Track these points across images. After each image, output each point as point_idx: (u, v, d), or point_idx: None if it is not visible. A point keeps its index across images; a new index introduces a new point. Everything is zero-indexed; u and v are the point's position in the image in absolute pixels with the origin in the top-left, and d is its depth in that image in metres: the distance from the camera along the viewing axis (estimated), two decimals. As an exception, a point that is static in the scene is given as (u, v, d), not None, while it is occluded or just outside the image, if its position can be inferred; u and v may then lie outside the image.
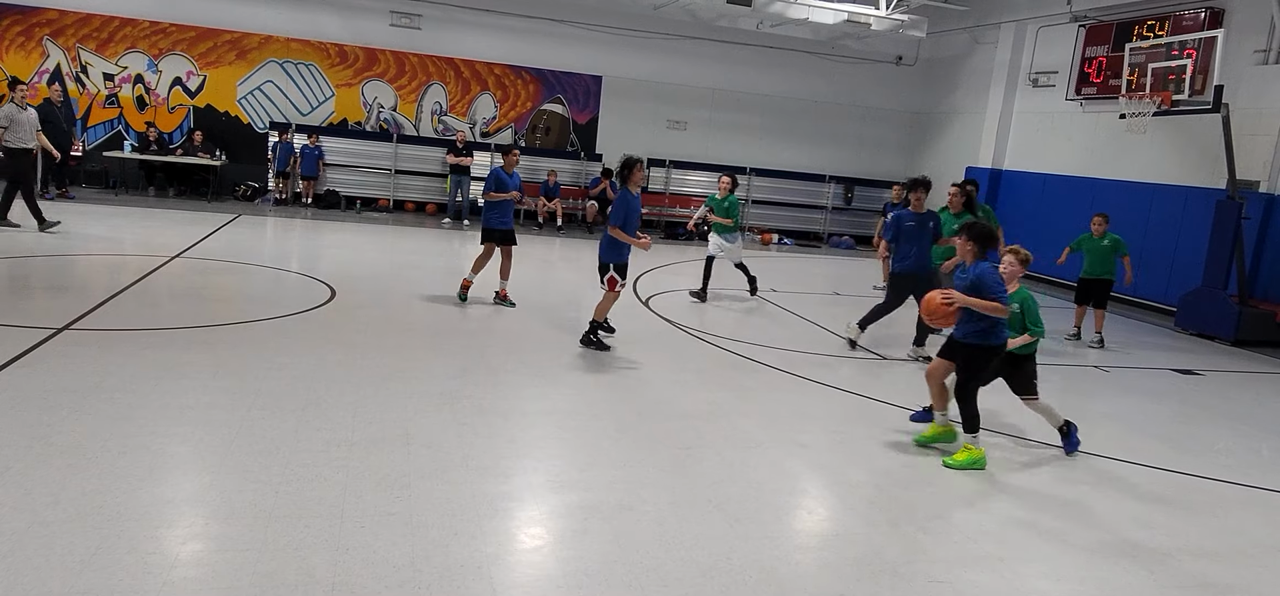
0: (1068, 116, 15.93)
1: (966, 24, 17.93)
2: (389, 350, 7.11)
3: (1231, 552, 4.76)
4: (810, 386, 7.30)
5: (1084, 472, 5.79)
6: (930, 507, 4.91)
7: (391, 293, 9.56)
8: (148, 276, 9.01)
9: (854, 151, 20.24)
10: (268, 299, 8.86)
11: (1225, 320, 11.42)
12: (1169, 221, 13.80)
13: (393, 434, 5.17)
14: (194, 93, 16.73)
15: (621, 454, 5.30)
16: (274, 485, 4.30)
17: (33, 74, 15.87)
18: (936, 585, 4.00)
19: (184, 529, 3.84)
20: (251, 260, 10.64)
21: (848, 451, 5.75)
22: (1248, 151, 12.04)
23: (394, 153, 17.28)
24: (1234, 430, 7.34)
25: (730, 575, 3.89)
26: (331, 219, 15.48)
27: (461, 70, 17.84)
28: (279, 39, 16.86)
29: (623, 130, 18.69)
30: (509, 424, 5.60)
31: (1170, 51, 11.68)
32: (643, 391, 6.84)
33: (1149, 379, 9.00)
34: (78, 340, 6.52)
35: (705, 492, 4.80)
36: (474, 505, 4.32)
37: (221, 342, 6.89)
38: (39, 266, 9.33)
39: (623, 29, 18.09)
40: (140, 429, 4.87)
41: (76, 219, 12.52)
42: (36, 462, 4.30)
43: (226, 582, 3.41)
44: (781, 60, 19.06)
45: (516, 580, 3.69)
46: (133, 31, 16.22)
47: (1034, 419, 6.33)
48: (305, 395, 5.73)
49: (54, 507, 3.85)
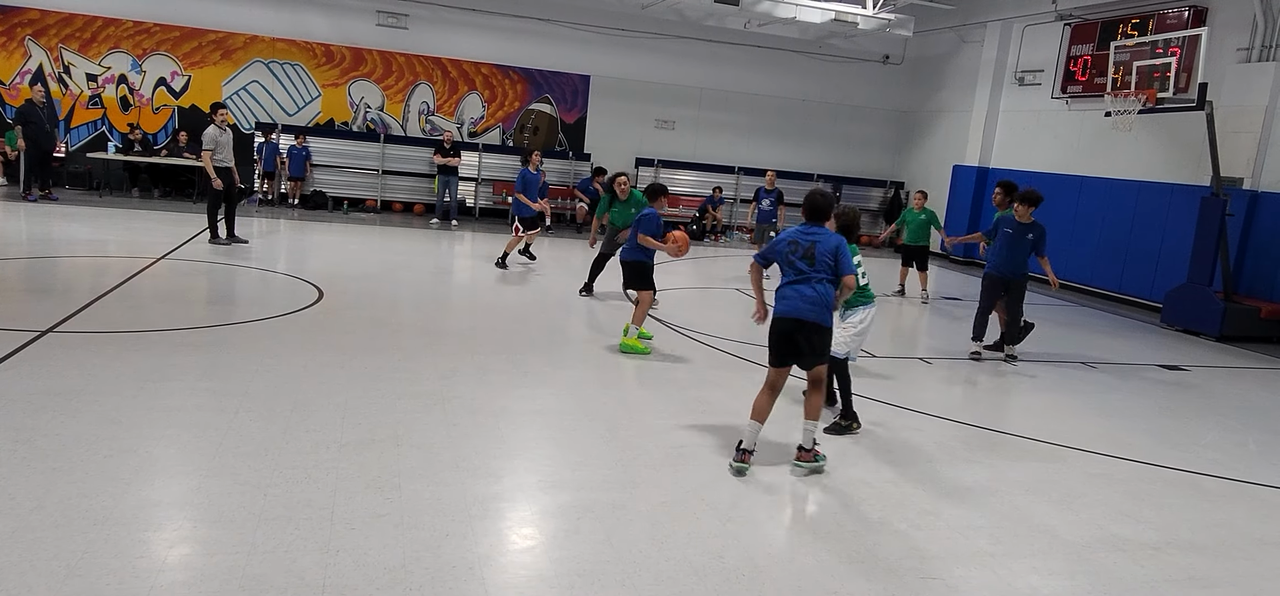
0: (1053, 115, 16.03)
1: (953, 23, 18.01)
2: (378, 351, 7.07)
3: (1219, 545, 4.79)
4: (801, 385, 7.29)
5: (1073, 468, 5.82)
6: (922, 504, 4.92)
7: (380, 293, 9.51)
8: (133, 278, 8.93)
9: (841, 150, 20.30)
10: (255, 300, 8.80)
11: (1210, 316, 11.51)
12: (1154, 218, 13.90)
13: (383, 435, 5.14)
14: (178, 93, 16.61)
15: (613, 453, 5.29)
16: (263, 487, 4.27)
17: (14, 74, 15.72)
18: (929, 581, 4.01)
19: (171, 532, 3.80)
20: (238, 262, 10.56)
21: (840, 449, 5.76)
22: (1231, 148, 12.14)
23: (381, 153, 17.20)
24: (1220, 424, 7.40)
25: (722, 574, 3.88)
26: (318, 220, 15.40)
27: (449, 70, 17.78)
28: (265, 39, 16.76)
29: (611, 130, 18.68)
30: (500, 424, 5.58)
31: (1154, 49, 11.76)
32: (634, 391, 6.83)
33: (1135, 374, 9.06)
34: (62, 343, 6.45)
35: (697, 491, 4.79)
36: (465, 505, 4.29)
37: (208, 345, 6.83)
38: (22, 269, 9.23)
39: (610, 28, 18.07)
40: (126, 431, 4.82)
41: (60, 221, 12.40)
42: (21, 466, 4.24)
43: (215, 586, 3.37)
44: (769, 59, 19.09)
45: (509, 580, 3.67)
46: (116, 31, 16.08)
47: (1034, 420, 6.35)
48: (293, 397, 5.69)
49: (39, 512, 3.80)
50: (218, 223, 11.64)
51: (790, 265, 5.24)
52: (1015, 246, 8.70)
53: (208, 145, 11.36)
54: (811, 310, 5.11)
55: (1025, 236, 8.65)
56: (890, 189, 20.31)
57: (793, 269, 5.22)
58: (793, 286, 5.19)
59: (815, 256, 5.16)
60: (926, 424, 6.53)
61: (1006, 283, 8.82)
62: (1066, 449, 6.19)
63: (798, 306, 5.12)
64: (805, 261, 5.18)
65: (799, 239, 5.28)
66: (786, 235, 5.37)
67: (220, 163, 11.44)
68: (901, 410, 6.72)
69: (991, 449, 6.11)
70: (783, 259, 5.29)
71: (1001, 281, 8.82)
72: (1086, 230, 15.04)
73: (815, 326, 5.13)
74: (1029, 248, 8.70)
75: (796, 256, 5.21)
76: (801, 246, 5.23)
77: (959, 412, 6.89)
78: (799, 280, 5.17)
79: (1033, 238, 8.66)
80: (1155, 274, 13.70)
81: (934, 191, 19.24)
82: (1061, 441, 6.31)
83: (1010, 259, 8.73)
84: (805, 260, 5.18)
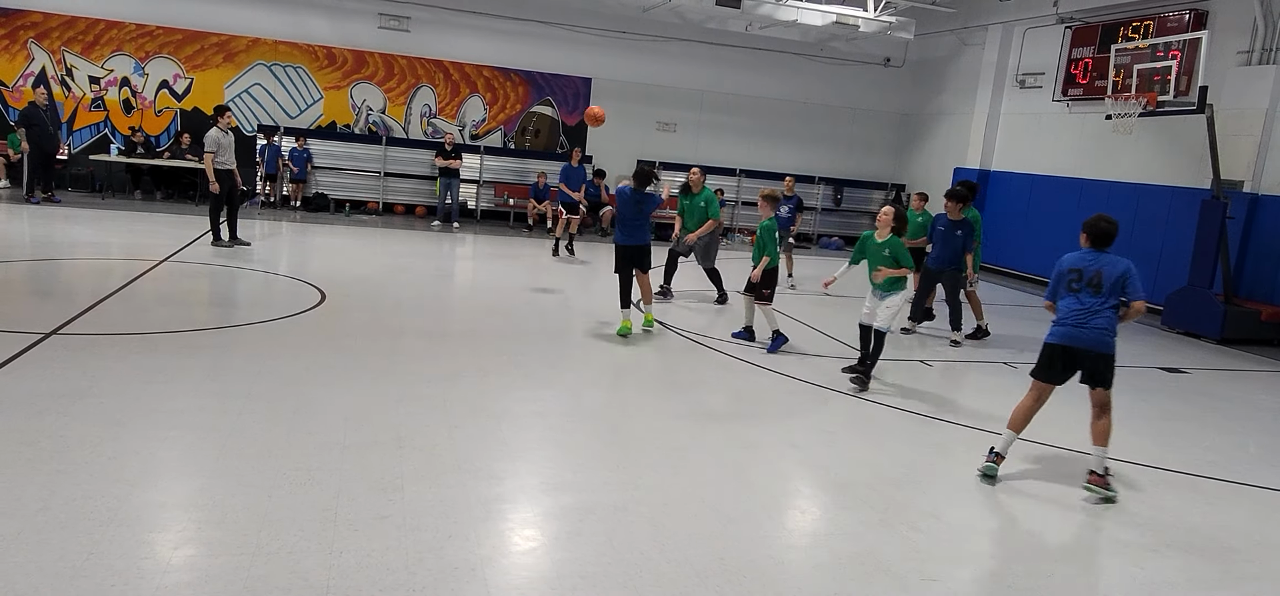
0: (1054, 117, 16.04)
1: (954, 26, 18.03)
2: (380, 353, 7.09)
3: (1219, 548, 4.81)
4: (801, 386, 7.32)
5: (1073, 471, 5.83)
6: (923, 506, 4.94)
7: (382, 295, 9.54)
8: (136, 280, 8.96)
9: (843, 153, 20.32)
10: (257, 303, 8.82)
11: (1211, 319, 11.52)
12: (1155, 221, 13.91)
13: (385, 437, 5.16)
14: (181, 96, 16.64)
15: (614, 455, 5.31)
16: (266, 489, 4.29)
17: (17, 77, 15.76)
18: (929, 583, 4.03)
19: (176, 533, 3.82)
20: (240, 264, 10.59)
21: (840, 450, 5.78)
22: (1232, 151, 12.16)
23: (383, 155, 17.23)
24: (1220, 427, 7.41)
25: (724, 575, 3.90)
26: (320, 222, 15.43)
27: (450, 73, 17.81)
28: (267, 41, 16.79)
29: (612, 132, 18.65)
30: (502, 426, 5.60)
31: (1155, 52, 11.78)
32: (635, 392, 6.85)
33: (1136, 377, 9.06)
34: (66, 345, 6.47)
35: (698, 493, 4.81)
36: (468, 507, 4.31)
37: (211, 347, 6.86)
38: (26, 271, 9.26)
39: (612, 31, 18.10)
40: (131, 433, 4.84)
41: (62, 223, 12.43)
42: (26, 468, 4.27)
43: (219, 587, 3.39)
44: (770, 62, 19.12)
45: (511, 582, 3.69)
46: (118, 34, 16.12)
47: (1034, 422, 6.35)
48: (296, 399, 5.71)
49: (44, 513, 3.82)
50: (220, 225, 11.67)
51: (1073, 291, 5.29)
52: (946, 242, 9.49)
53: (210, 147, 11.40)
54: (1098, 338, 5.19)
55: (954, 233, 9.42)
56: (891, 191, 20.32)
57: (1074, 295, 5.28)
58: (1078, 313, 5.24)
59: (1102, 282, 5.22)
60: (926, 425, 6.55)
61: (940, 275, 9.73)
62: (1066, 451, 6.20)
63: (1083, 335, 5.20)
64: (1091, 288, 5.23)
65: (1083, 265, 5.31)
66: (1069, 261, 5.40)
67: (222, 165, 11.47)
68: (902, 411, 6.73)
69: (992, 451, 6.11)
70: (1065, 285, 5.35)
71: (936, 274, 9.78)
72: (1087, 233, 15.03)
73: (1102, 355, 5.20)
74: (959, 242, 9.41)
75: (1082, 283, 5.26)
76: (1087, 273, 5.26)
77: (959, 414, 6.91)
78: (1085, 308, 5.22)
79: (961, 234, 9.40)
80: (1156, 276, 13.70)
81: (935, 195, 19.30)
82: (1061, 443, 6.32)
83: (941, 253, 9.57)
84: (1091, 286, 5.23)
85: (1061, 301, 5.38)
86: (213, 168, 11.34)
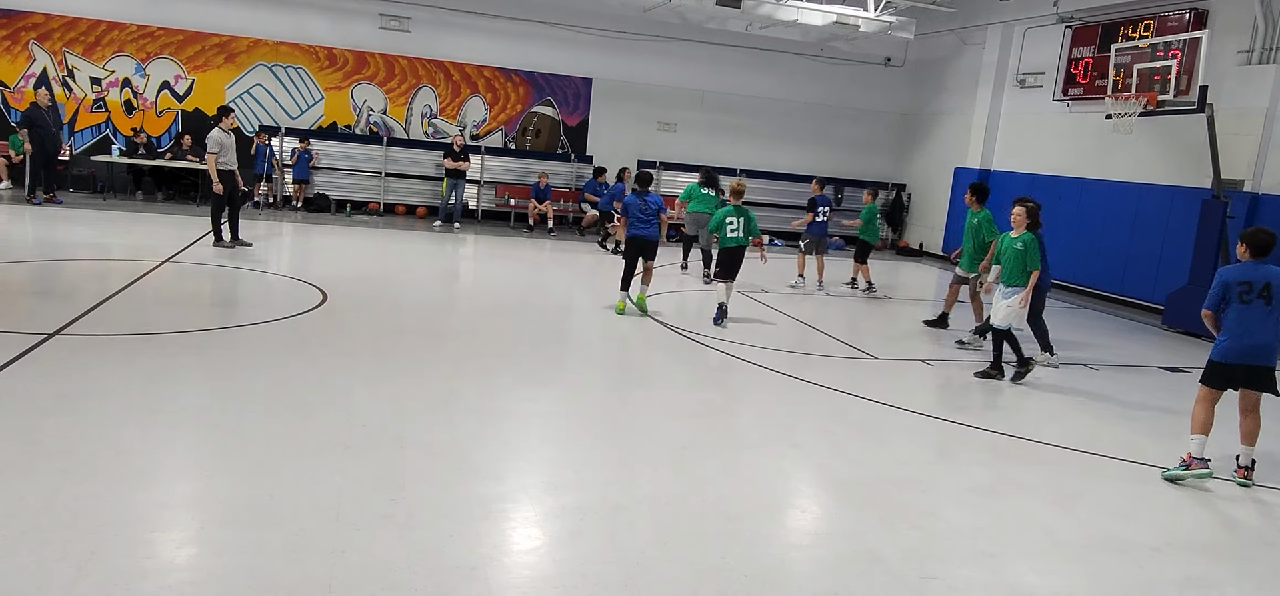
0: (1055, 117, 16.05)
1: (954, 26, 18.03)
2: (381, 354, 7.11)
3: (1219, 547, 4.82)
4: (802, 386, 7.34)
5: (1073, 468, 5.85)
6: (923, 505, 4.95)
7: (383, 296, 9.55)
8: (138, 281, 8.97)
9: (844, 153, 20.31)
10: (259, 303, 8.84)
11: (1211, 318, 11.51)
12: (1155, 221, 13.91)
13: (387, 437, 5.18)
14: (182, 96, 16.66)
15: (615, 455, 5.32)
16: (269, 488, 4.30)
17: (19, 78, 15.78)
18: (929, 581, 4.04)
19: (179, 533, 3.83)
20: (242, 264, 10.61)
21: (840, 450, 5.79)
22: (1232, 151, 12.16)
23: (384, 156, 17.25)
24: (1220, 426, 7.39)
25: (725, 574, 3.91)
26: (322, 223, 15.44)
27: (451, 73, 17.83)
28: (268, 42, 16.81)
29: (613, 132, 18.72)
30: (503, 426, 5.61)
31: (1155, 52, 11.79)
32: (636, 392, 6.86)
33: (1136, 376, 9.07)
34: (69, 345, 6.49)
35: (699, 492, 4.82)
36: (469, 507, 4.33)
37: (214, 347, 6.87)
38: (28, 272, 9.27)
39: (612, 31, 18.11)
40: (134, 433, 4.86)
41: (64, 224, 12.45)
42: (29, 468, 4.28)
43: (222, 586, 3.40)
44: (771, 62, 19.12)
45: (512, 581, 3.70)
46: (120, 35, 16.14)
47: (1034, 422, 6.39)
48: (298, 399, 5.72)
49: (47, 513, 3.84)
50: (222, 225, 11.69)
51: (1240, 302, 5.39)
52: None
53: (212, 148, 11.43)
54: (1271, 352, 5.33)
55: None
56: (892, 191, 20.33)
57: (1242, 305, 5.38)
58: (1250, 325, 5.37)
59: (1272, 293, 5.32)
60: (926, 424, 6.56)
61: None
62: (1067, 450, 6.21)
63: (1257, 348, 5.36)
64: (1262, 298, 5.34)
65: (1250, 277, 5.39)
66: (1234, 274, 5.51)
67: (224, 166, 11.50)
68: (902, 411, 6.74)
69: (992, 449, 6.13)
70: (1233, 296, 5.44)
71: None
72: (1087, 232, 15.05)
73: (1268, 369, 5.34)
74: None
75: (1252, 295, 5.36)
76: (1256, 285, 5.36)
77: (959, 413, 6.92)
78: (1258, 320, 5.34)
79: None
80: (1156, 276, 13.71)
81: (936, 194, 19.34)
82: (1062, 442, 6.33)
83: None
84: (1262, 297, 5.34)
85: (1231, 311, 5.48)
86: (216, 167, 11.36)
